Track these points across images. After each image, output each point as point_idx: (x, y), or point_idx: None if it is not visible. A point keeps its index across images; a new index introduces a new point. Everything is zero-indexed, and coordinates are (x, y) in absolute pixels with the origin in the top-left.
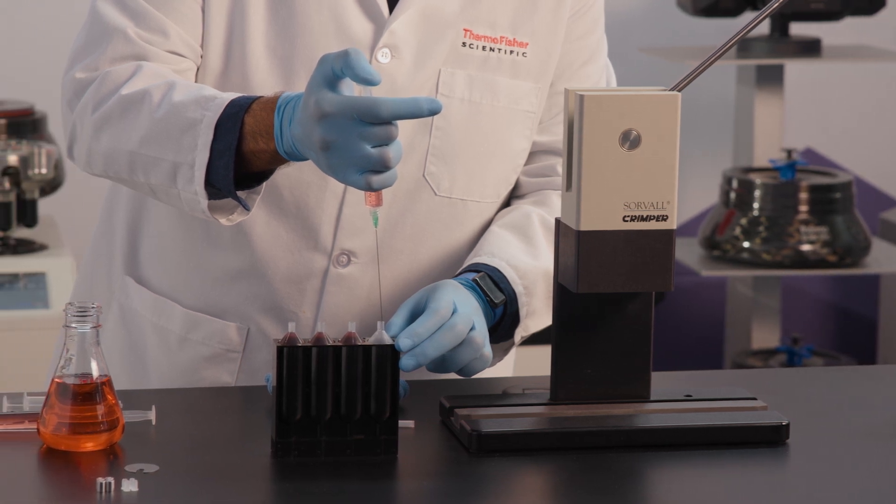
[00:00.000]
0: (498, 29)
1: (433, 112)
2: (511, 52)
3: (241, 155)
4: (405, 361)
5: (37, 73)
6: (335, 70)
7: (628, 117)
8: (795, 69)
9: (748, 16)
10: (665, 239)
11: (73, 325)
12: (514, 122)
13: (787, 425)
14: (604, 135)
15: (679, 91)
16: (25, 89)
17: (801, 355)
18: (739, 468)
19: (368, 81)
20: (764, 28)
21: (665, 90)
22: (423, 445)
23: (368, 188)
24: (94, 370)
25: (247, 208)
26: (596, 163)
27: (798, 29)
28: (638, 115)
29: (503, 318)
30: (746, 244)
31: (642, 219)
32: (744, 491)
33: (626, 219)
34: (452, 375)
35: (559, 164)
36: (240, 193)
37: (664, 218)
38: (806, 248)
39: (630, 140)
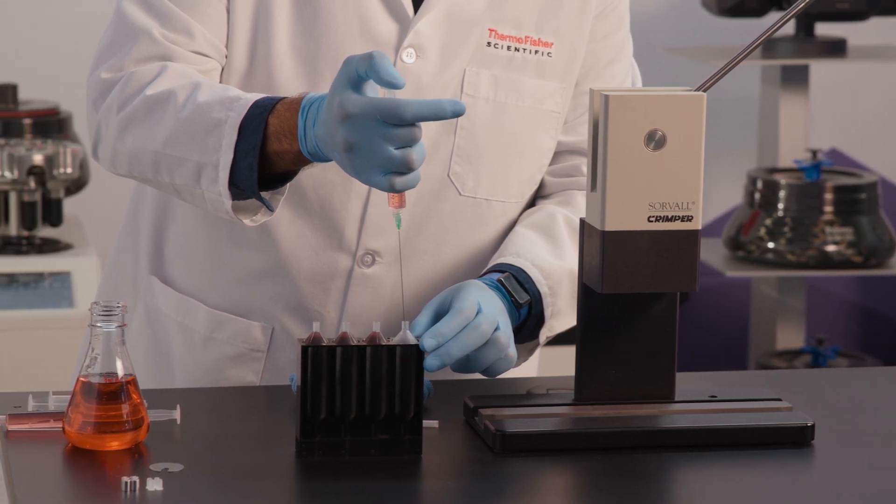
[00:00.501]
0: (523, 29)
1: (456, 114)
2: (536, 51)
3: (266, 155)
4: (429, 361)
5: (62, 73)
6: (359, 72)
7: (653, 117)
8: (821, 69)
9: (773, 16)
10: (690, 239)
11: (99, 325)
12: (539, 122)
13: (812, 426)
14: (629, 135)
15: (704, 91)
16: (51, 89)
17: (825, 356)
18: (764, 469)
19: (392, 85)
20: (789, 28)
21: (690, 90)
22: (448, 445)
23: (391, 189)
24: (120, 369)
25: (271, 209)
26: (621, 163)
27: (823, 29)
28: (663, 115)
29: (528, 318)
30: (771, 245)
31: (667, 219)
32: (769, 492)
33: (651, 219)
34: (476, 375)
35: (584, 164)
36: (264, 194)
37: (689, 218)
38: (831, 248)
39: (655, 140)
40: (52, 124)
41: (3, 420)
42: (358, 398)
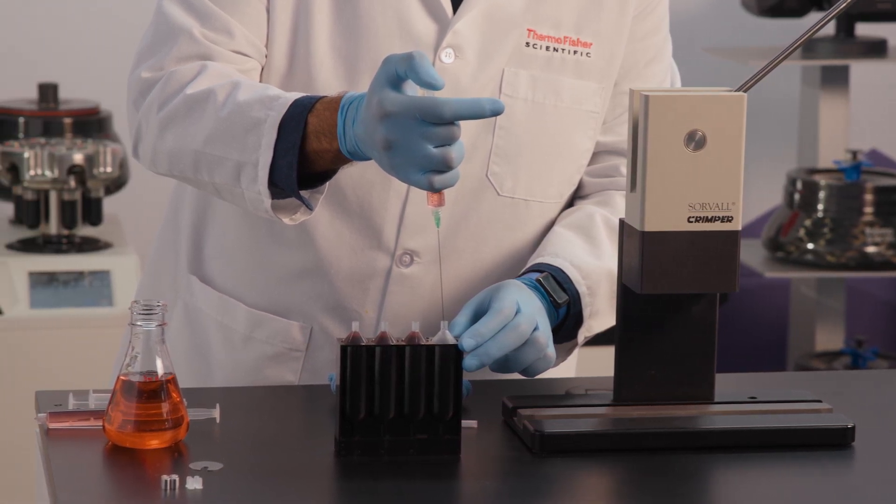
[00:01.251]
0: (562, 29)
1: (495, 113)
2: (575, 52)
3: (305, 154)
4: (468, 361)
5: (102, 73)
6: (399, 72)
7: (693, 118)
8: (861, 70)
9: (813, 16)
10: (730, 240)
11: (139, 323)
12: (577, 123)
13: (853, 428)
14: (669, 135)
15: (745, 91)
16: (91, 88)
17: (865, 357)
18: (804, 471)
19: (432, 86)
20: (829, 28)
21: (731, 91)
22: (486, 445)
23: (430, 188)
24: (160, 368)
25: (310, 208)
26: (661, 163)
27: (864, 29)
28: (703, 115)
29: (566, 318)
30: (811, 246)
31: (707, 220)
32: (809, 494)
33: (691, 220)
34: (515, 375)
35: (623, 165)
36: (303, 193)
37: (729, 219)
38: (870, 249)
39: (695, 141)
40: (92, 124)
41: (44, 418)
42: (397, 398)
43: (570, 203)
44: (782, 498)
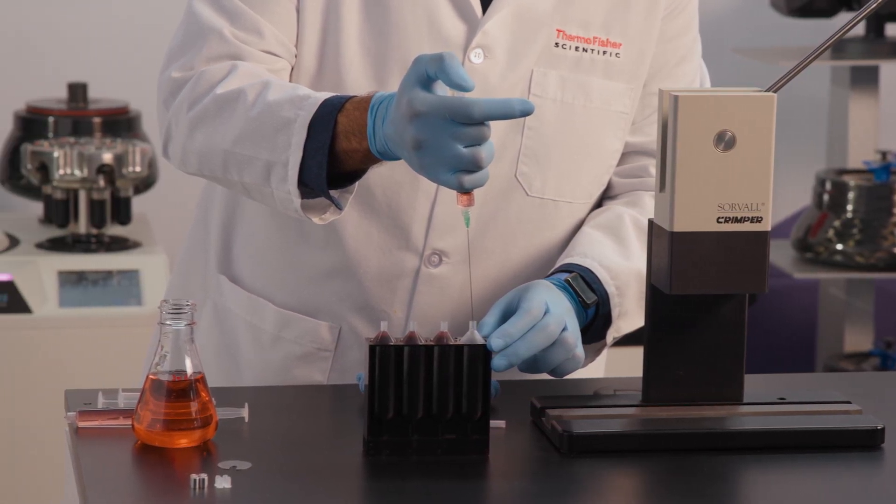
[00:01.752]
0: (591, 29)
1: (525, 113)
2: (604, 52)
3: (335, 154)
4: (497, 361)
5: (131, 72)
6: (429, 72)
7: (723, 118)
8: (891, 70)
9: (842, 16)
10: (759, 240)
11: (168, 323)
12: (606, 123)
13: (882, 429)
14: (698, 136)
15: (775, 92)
16: (120, 88)
17: (894, 359)
18: (833, 472)
19: (461, 87)
20: (859, 29)
21: (760, 91)
22: (514, 446)
23: (460, 188)
24: (189, 367)
25: (339, 207)
26: (690, 164)
27: (894, 30)
28: (733, 115)
29: (595, 318)
30: (839, 246)
31: (736, 220)
32: (838, 495)
33: (720, 220)
34: (543, 376)
35: (651, 165)
36: (332, 193)
37: (759, 219)
38: None
39: (725, 141)
40: (121, 123)
41: (74, 417)
42: (425, 398)
43: (599, 203)
44: (811, 499)
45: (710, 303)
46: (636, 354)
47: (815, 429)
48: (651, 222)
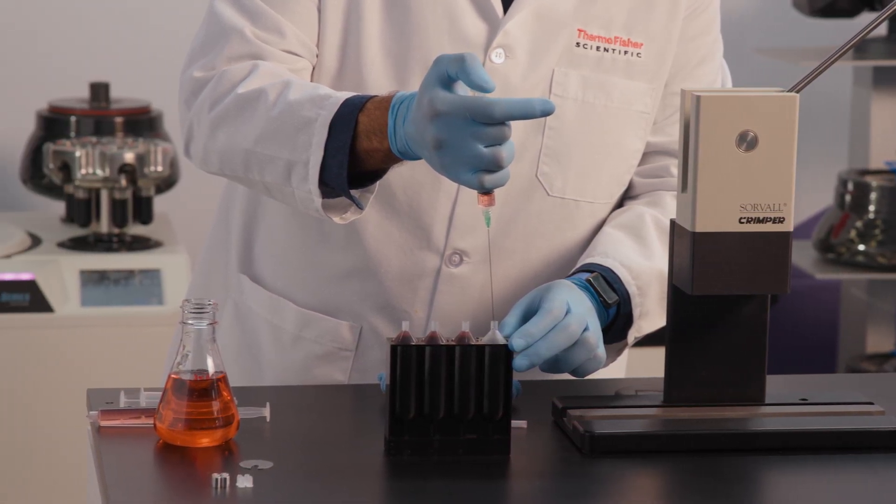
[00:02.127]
0: (612, 29)
1: (546, 113)
2: (625, 52)
3: (355, 154)
4: (518, 361)
5: (153, 72)
6: (450, 73)
7: (745, 118)
8: None
9: (865, 16)
10: (782, 241)
11: (190, 322)
12: (627, 123)
13: None
14: (720, 136)
15: (797, 92)
16: (142, 88)
17: None
18: (855, 474)
19: (482, 88)
20: (882, 29)
21: (783, 91)
22: (536, 446)
23: (481, 187)
24: (210, 367)
25: (360, 207)
26: (712, 164)
27: None
28: (755, 116)
29: (616, 318)
30: (861, 247)
31: (758, 220)
32: (860, 497)
33: (743, 220)
34: (565, 376)
35: (673, 165)
36: (353, 192)
37: (781, 220)
38: None
39: (747, 141)
40: (143, 123)
41: (96, 416)
42: (447, 398)
43: (620, 203)
44: (833, 501)
45: (732, 303)
46: (657, 355)
47: (836, 430)
48: (673, 222)
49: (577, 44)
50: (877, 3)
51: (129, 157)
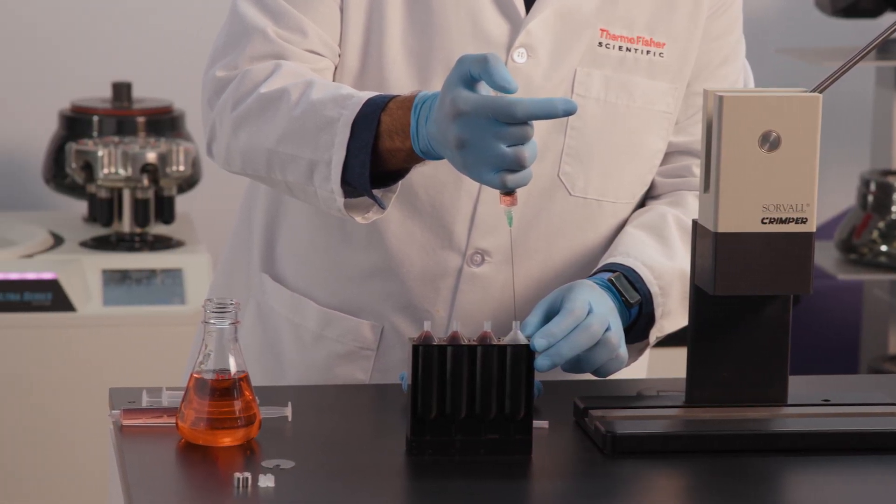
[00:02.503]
0: (635, 29)
1: (568, 113)
2: (648, 52)
3: (378, 153)
4: (540, 362)
5: (175, 72)
6: (473, 73)
7: (768, 119)
8: None
9: (888, 16)
10: (804, 241)
11: (212, 322)
12: (650, 123)
13: None
14: (743, 136)
15: (820, 93)
16: (164, 87)
17: None
18: (878, 475)
19: (505, 89)
20: None
21: (806, 91)
22: (557, 446)
23: (503, 187)
24: (232, 366)
25: (382, 207)
26: (735, 164)
27: None
28: (778, 116)
29: (638, 318)
30: (884, 248)
31: (781, 221)
32: (882, 498)
33: (765, 221)
34: (586, 376)
35: (695, 165)
36: (375, 192)
37: (804, 220)
38: None
39: (770, 142)
40: (165, 122)
41: (118, 415)
42: (468, 398)
43: (642, 203)
44: (856, 502)
45: (755, 304)
46: (679, 355)
47: (859, 431)
48: (695, 223)
49: (600, 43)
50: None
51: (151, 156)
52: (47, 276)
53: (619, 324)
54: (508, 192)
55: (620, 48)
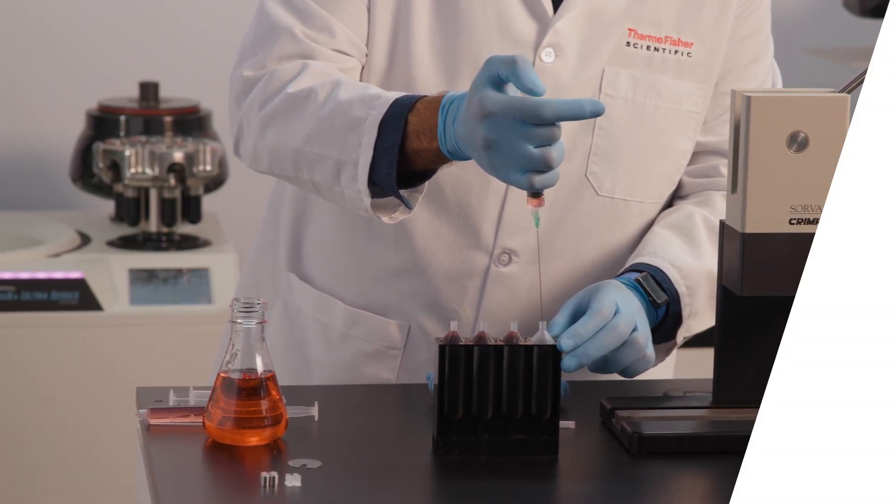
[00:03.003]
0: (662, 29)
1: (595, 114)
2: (676, 52)
3: (405, 153)
4: (567, 362)
5: (202, 72)
6: (501, 75)
7: (796, 119)
8: None
9: None
10: None
11: (239, 321)
12: (677, 123)
13: None
14: (771, 136)
15: (848, 93)
16: (191, 87)
17: None
18: None
19: (532, 91)
20: None
21: (834, 92)
22: (584, 446)
23: (531, 188)
24: (259, 366)
25: (409, 207)
26: (763, 164)
27: None
28: (806, 116)
29: (665, 318)
30: None
31: (809, 221)
32: None
33: (793, 221)
34: (613, 376)
35: (723, 165)
36: (402, 192)
37: None
38: None
39: (798, 142)
40: (192, 122)
41: (145, 414)
42: (495, 398)
43: (670, 203)
44: None
45: (782, 304)
46: (706, 356)
47: None
48: (722, 223)
49: (628, 43)
50: None
51: (178, 156)
52: (74, 275)
53: (647, 324)
54: (536, 193)
55: (648, 48)
